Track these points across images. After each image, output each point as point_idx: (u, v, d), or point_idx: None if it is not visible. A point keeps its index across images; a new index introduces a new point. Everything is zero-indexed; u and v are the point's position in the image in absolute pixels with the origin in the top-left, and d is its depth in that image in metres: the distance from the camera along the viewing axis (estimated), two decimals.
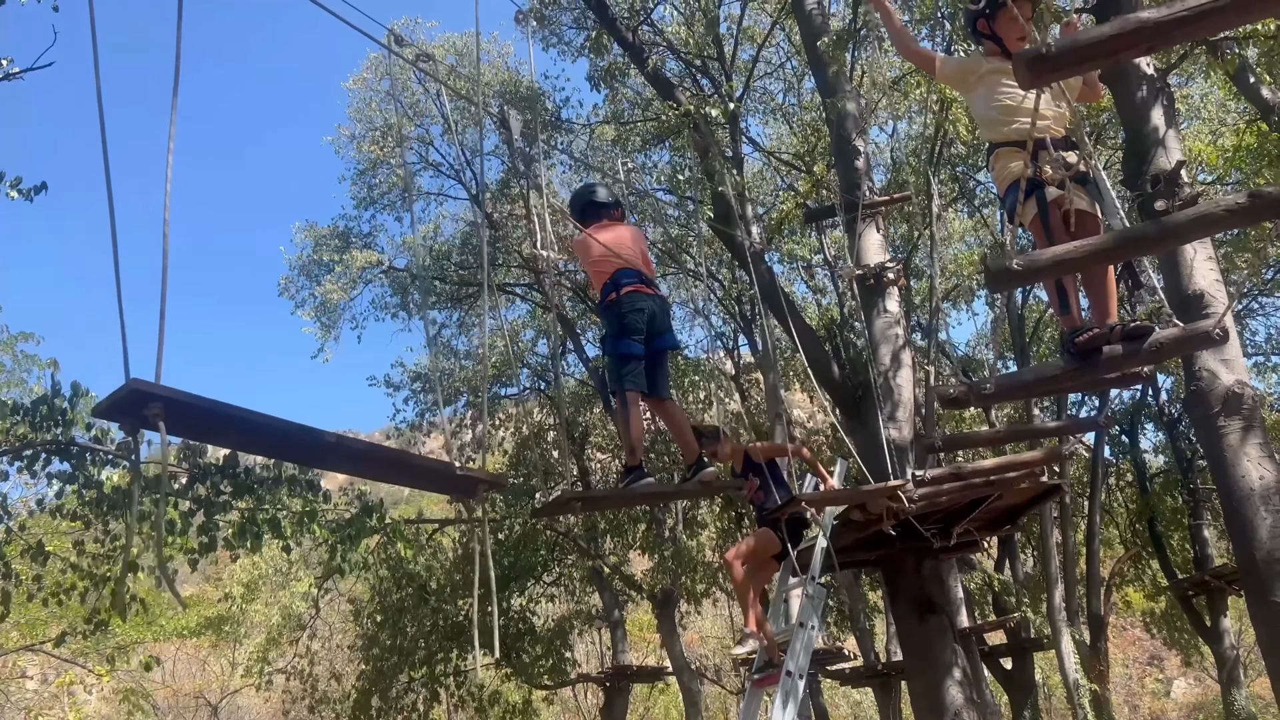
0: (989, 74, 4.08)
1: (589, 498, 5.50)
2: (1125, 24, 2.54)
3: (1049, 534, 17.03)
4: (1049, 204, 3.78)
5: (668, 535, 18.07)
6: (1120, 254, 3.41)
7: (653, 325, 4.97)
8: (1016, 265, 3.16)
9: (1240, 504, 6.86)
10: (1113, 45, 2.54)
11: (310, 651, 18.30)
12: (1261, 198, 3.05)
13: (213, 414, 2.84)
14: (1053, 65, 2.51)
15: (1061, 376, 4.75)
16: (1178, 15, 2.40)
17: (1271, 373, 20.08)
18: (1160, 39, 2.57)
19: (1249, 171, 13.49)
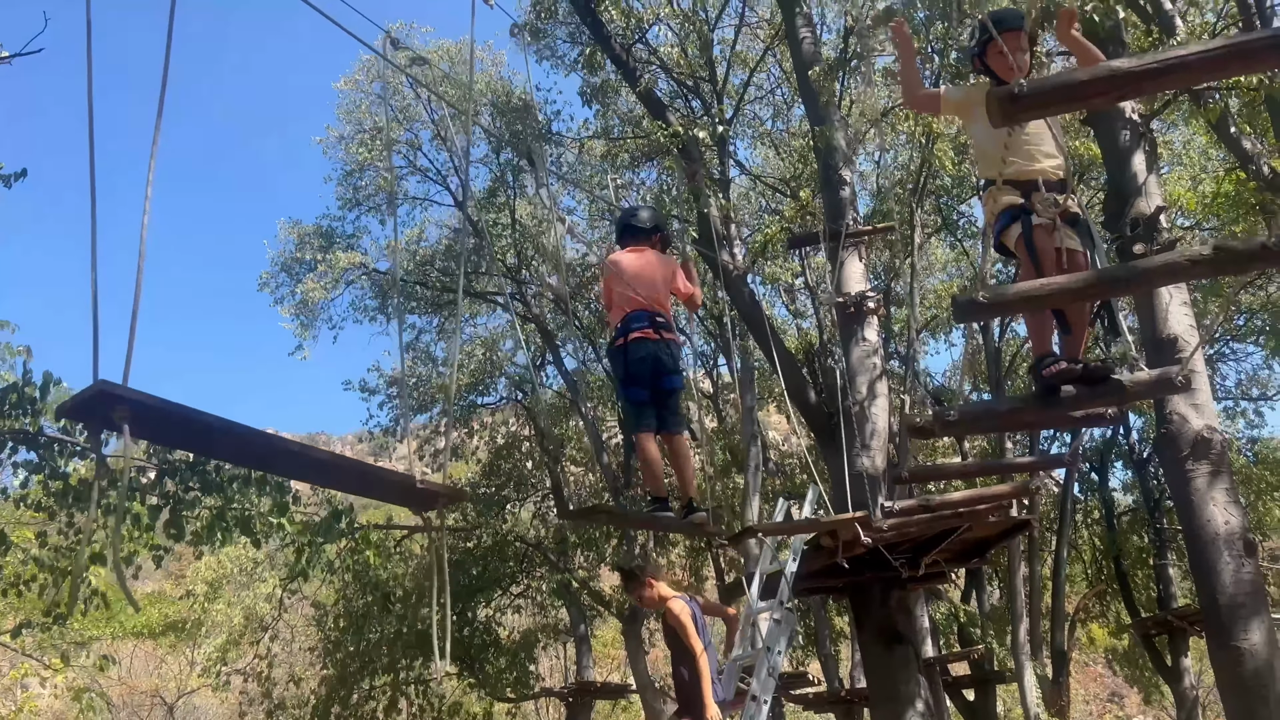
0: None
1: (615, 513, 5.57)
2: (1096, 72, 2.61)
3: (1016, 568, 17.13)
4: (1034, 227, 3.77)
5: (639, 552, 18.03)
6: (1087, 294, 3.45)
7: (657, 368, 5.07)
8: (983, 298, 3.21)
9: (1205, 548, 6.94)
10: (1084, 91, 2.61)
11: (270, 654, 18.09)
12: (1225, 251, 3.12)
13: (178, 419, 2.82)
14: (1025, 105, 2.56)
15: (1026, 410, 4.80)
16: (1147, 67, 2.46)
17: (1240, 417, 20.31)
18: (1130, 89, 2.64)
19: (1226, 219, 13.71)
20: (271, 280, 18.52)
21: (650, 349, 5.05)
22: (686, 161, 10.54)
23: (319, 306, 18.37)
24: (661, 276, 5.32)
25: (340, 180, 18.85)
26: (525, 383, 20.56)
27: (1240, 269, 3.15)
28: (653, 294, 5.18)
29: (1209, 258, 3.14)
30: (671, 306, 5.49)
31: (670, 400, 5.15)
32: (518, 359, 20.70)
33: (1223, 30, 10.59)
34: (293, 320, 18.35)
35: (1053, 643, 18.06)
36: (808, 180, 15.18)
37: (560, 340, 19.51)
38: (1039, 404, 3.79)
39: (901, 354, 16.71)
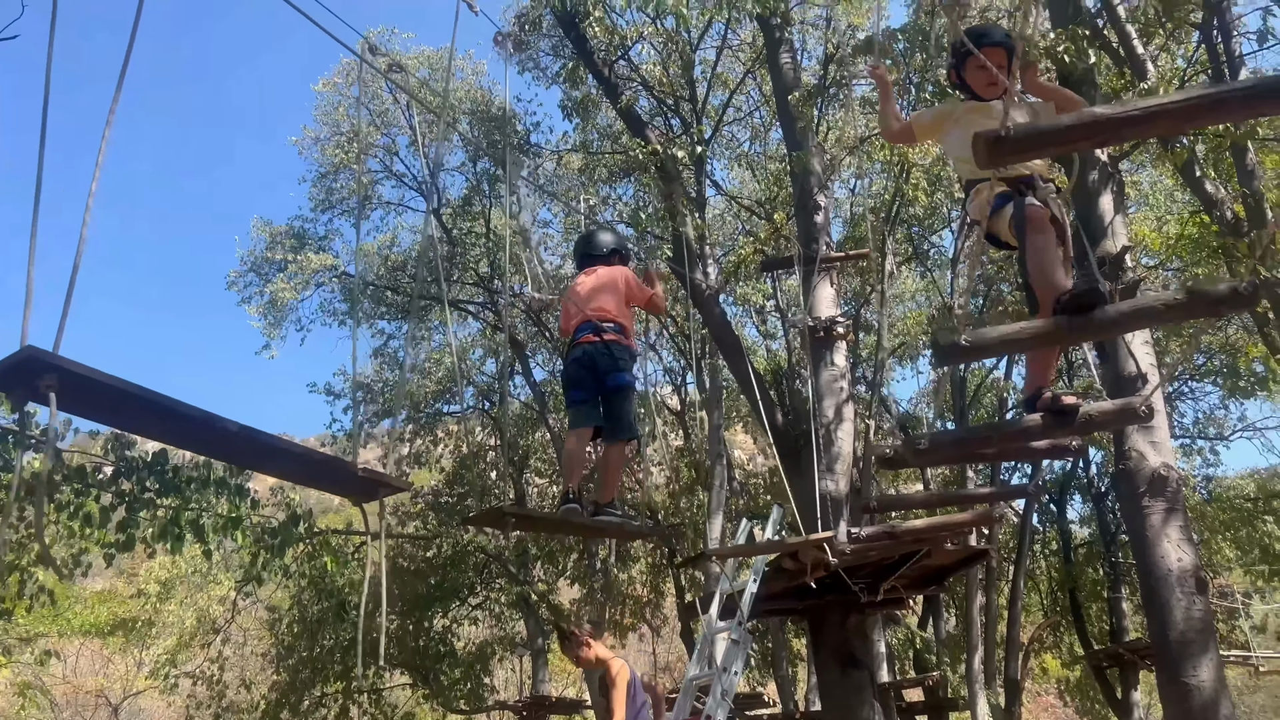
0: (965, 114, 4.10)
1: (522, 515, 5.45)
2: (1081, 117, 2.67)
3: (973, 596, 17.27)
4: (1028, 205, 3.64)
5: (599, 567, 17.99)
6: (1063, 339, 3.49)
7: (596, 368, 5.06)
8: (965, 341, 3.23)
9: (1158, 584, 7.04)
10: (1068, 135, 2.67)
11: (221, 657, 17.82)
12: (1198, 295, 3.18)
13: (110, 391, 2.65)
14: (1011, 148, 2.61)
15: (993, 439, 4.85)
16: (1130, 114, 2.53)
17: (1197, 455, 20.65)
18: (1112, 135, 2.71)
19: (1189, 260, 13.97)
20: (240, 279, 18.37)
21: (587, 350, 5.09)
22: (664, 180, 10.60)
23: (288, 307, 18.22)
24: (611, 285, 5.32)
25: (314, 182, 18.77)
26: (493, 392, 20.49)
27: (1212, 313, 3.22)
28: (603, 304, 5.20)
29: (1182, 302, 3.21)
30: (632, 314, 5.46)
31: (616, 401, 5.08)
32: (485, 368, 20.66)
33: (1192, 76, 10.82)
34: (260, 320, 18.20)
35: (1006, 672, 18.19)
36: (783, 203, 15.30)
37: (529, 350, 19.48)
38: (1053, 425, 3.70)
39: (868, 380, 16.85)
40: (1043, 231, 3.56)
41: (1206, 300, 3.27)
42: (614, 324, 5.14)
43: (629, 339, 5.23)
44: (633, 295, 5.42)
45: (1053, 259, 3.54)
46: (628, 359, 5.14)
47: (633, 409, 5.14)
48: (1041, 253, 3.54)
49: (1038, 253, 3.54)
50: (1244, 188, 10.52)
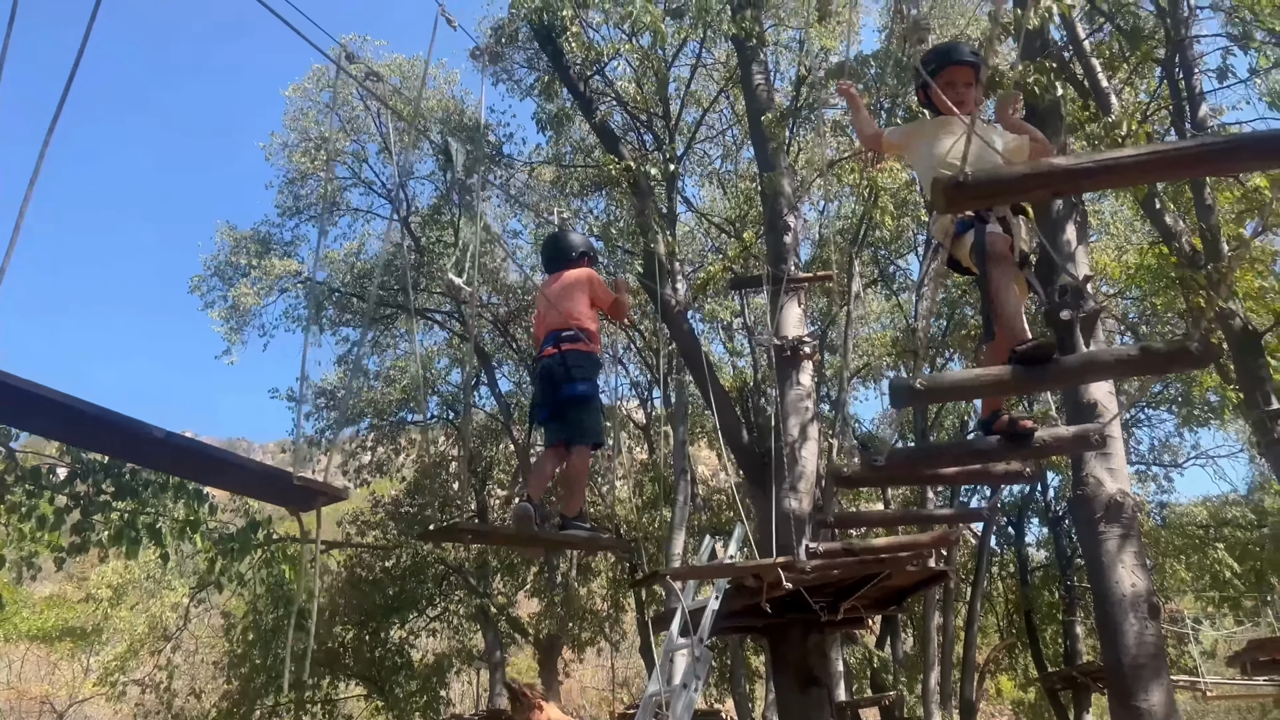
0: (932, 130, 4.11)
1: (481, 531, 5.43)
2: (1038, 167, 2.75)
3: (931, 616, 17.41)
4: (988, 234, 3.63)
5: (560, 580, 17.93)
6: (1018, 389, 3.55)
7: (553, 380, 4.96)
8: (920, 385, 3.30)
9: (1112, 609, 7.15)
10: (1025, 184, 2.75)
11: (171, 664, 17.54)
12: (1150, 353, 3.30)
13: (23, 396, 2.47)
14: (970, 194, 2.67)
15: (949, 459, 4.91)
16: (1084, 166, 2.60)
17: (1151, 481, 21.02)
18: (1068, 185, 2.77)
19: (1148, 289, 14.24)
20: (204, 284, 18.16)
21: (546, 365, 5.01)
22: (637, 196, 10.64)
23: (250, 312, 18.04)
24: (577, 287, 5.26)
25: (282, 187, 18.64)
26: (457, 402, 20.40)
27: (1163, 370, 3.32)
28: (566, 309, 5.11)
29: (1135, 358, 3.32)
30: (597, 316, 5.37)
31: (572, 411, 4.93)
32: (450, 377, 20.56)
33: (1154, 111, 11.06)
34: (223, 324, 17.99)
35: (962, 692, 18.35)
36: (752, 222, 15.41)
37: (495, 361, 19.43)
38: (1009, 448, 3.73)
39: (831, 399, 16.99)
40: (1001, 264, 3.57)
41: (1158, 358, 3.40)
42: (574, 331, 5.01)
43: (591, 343, 5.08)
44: (597, 298, 5.30)
45: (1008, 297, 3.54)
46: (586, 365, 4.99)
47: (593, 416, 4.98)
48: (999, 289, 3.55)
49: (995, 288, 3.57)
50: (1201, 221, 10.77)
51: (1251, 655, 10.99)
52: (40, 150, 2.66)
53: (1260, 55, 9.14)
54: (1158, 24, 10.87)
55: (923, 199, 15.32)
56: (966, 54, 4.14)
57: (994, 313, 3.55)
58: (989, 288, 3.56)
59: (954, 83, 4.00)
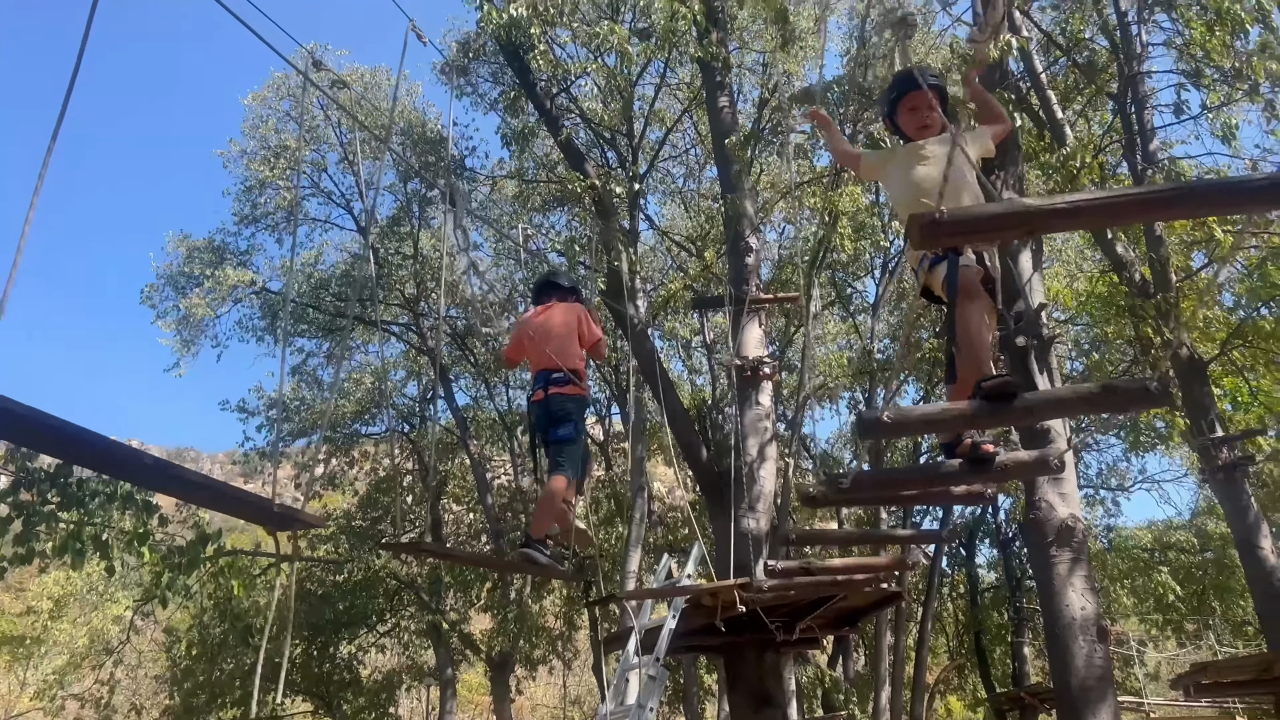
0: (904, 156, 4.13)
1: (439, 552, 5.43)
2: (1011, 206, 2.83)
3: (883, 637, 17.54)
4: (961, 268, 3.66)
5: (513, 597, 17.81)
6: (982, 423, 3.60)
7: (543, 424, 5.38)
8: (887, 418, 3.35)
9: (1062, 631, 7.26)
10: (999, 223, 2.83)
11: (113, 679, 17.12)
12: (1112, 391, 3.38)
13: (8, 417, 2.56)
14: (945, 232, 2.72)
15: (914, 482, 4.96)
16: (1057, 208, 2.68)
17: (1100, 505, 21.40)
18: (1040, 226, 2.86)
19: (1098, 317, 14.55)
20: (155, 294, 17.84)
21: (538, 410, 5.42)
22: (601, 214, 10.67)
23: (203, 323, 17.75)
24: (565, 329, 5.54)
25: (239, 195, 18.39)
26: (413, 415, 20.22)
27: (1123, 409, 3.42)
28: (556, 349, 5.41)
29: (1096, 396, 3.40)
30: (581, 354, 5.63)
31: (555, 449, 5.31)
32: (407, 390, 20.39)
33: (1107, 144, 11.33)
34: (173, 336, 17.68)
35: (912, 712, 18.49)
36: (714, 241, 15.51)
37: (453, 375, 19.30)
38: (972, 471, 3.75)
39: (788, 419, 17.09)
40: (974, 299, 3.61)
41: (1118, 397, 3.49)
42: (563, 374, 5.33)
43: (579, 383, 5.40)
44: (584, 339, 5.62)
45: (979, 334, 3.59)
46: (572, 407, 5.33)
47: (572, 455, 5.28)
48: (969, 325, 3.59)
49: (965, 324, 3.61)
50: (1151, 252, 11.05)
51: (1194, 678, 11.19)
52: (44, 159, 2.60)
53: (1211, 92, 9.41)
54: (1111, 59, 11.17)
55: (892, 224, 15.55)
56: (929, 78, 4.15)
57: (962, 348, 3.59)
58: (958, 325, 3.60)
59: (918, 107, 4.04)
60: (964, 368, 3.56)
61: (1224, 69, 9.63)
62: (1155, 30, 11.65)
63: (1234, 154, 12.21)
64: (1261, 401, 12.26)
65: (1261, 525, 10.62)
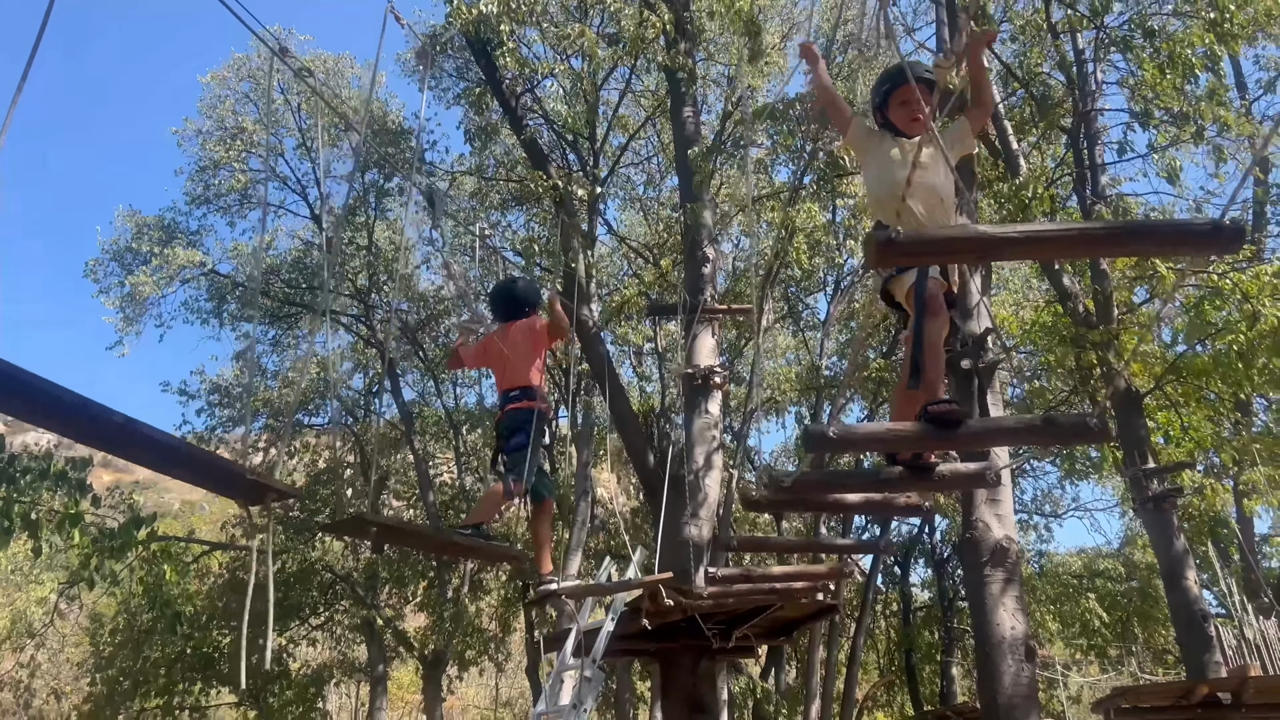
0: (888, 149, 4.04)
1: (383, 524, 5.36)
2: (967, 231, 2.92)
3: (816, 650, 17.72)
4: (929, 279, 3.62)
5: (450, 595, 17.68)
6: (927, 445, 3.69)
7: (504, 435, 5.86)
8: (832, 434, 3.43)
9: (993, 650, 7.41)
10: (953, 246, 2.92)
11: (34, 662, 16.68)
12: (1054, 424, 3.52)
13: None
14: (899, 251, 2.80)
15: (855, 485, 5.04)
16: (1011, 236, 2.77)
17: (1032, 530, 21.84)
18: (993, 252, 2.94)
19: (1041, 345, 14.88)
20: (99, 268, 17.47)
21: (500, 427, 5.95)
22: (560, 214, 10.68)
23: (148, 302, 17.42)
24: (524, 349, 5.98)
25: (192, 175, 18.10)
26: (358, 407, 20.01)
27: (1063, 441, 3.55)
28: (515, 372, 5.92)
29: (1039, 427, 3.53)
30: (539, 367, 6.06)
31: (509, 459, 5.79)
32: (353, 382, 20.17)
33: (1058, 177, 11.61)
34: (116, 314, 17.32)
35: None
36: (670, 250, 15.59)
37: (400, 370, 19.13)
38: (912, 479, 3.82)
39: (734, 430, 17.21)
40: (937, 315, 3.63)
41: (1059, 430, 3.63)
42: (520, 390, 5.85)
43: (533, 398, 5.82)
44: (541, 345, 6.05)
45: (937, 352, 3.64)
46: (523, 419, 5.72)
47: (520, 462, 5.63)
48: (932, 343, 3.62)
49: (929, 342, 3.62)
50: (1096, 285, 11.34)
51: (1115, 701, 11.45)
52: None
53: (1159, 133, 9.70)
54: (1067, 94, 11.46)
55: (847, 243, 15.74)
56: (921, 72, 4.06)
57: (922, 364, 3.65)
58: (924, 339, 3.62)
59: (908, 102, 3.96)
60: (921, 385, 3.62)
61: (1173, 111, 9.94)
62: (1110, 69, 12.00)
63: (1179, 194, 12.63)
64: (1192, 436, 12.63)
65: (1187, 557, 10.93)
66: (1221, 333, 10.94)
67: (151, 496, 32.15)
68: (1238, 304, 10.55)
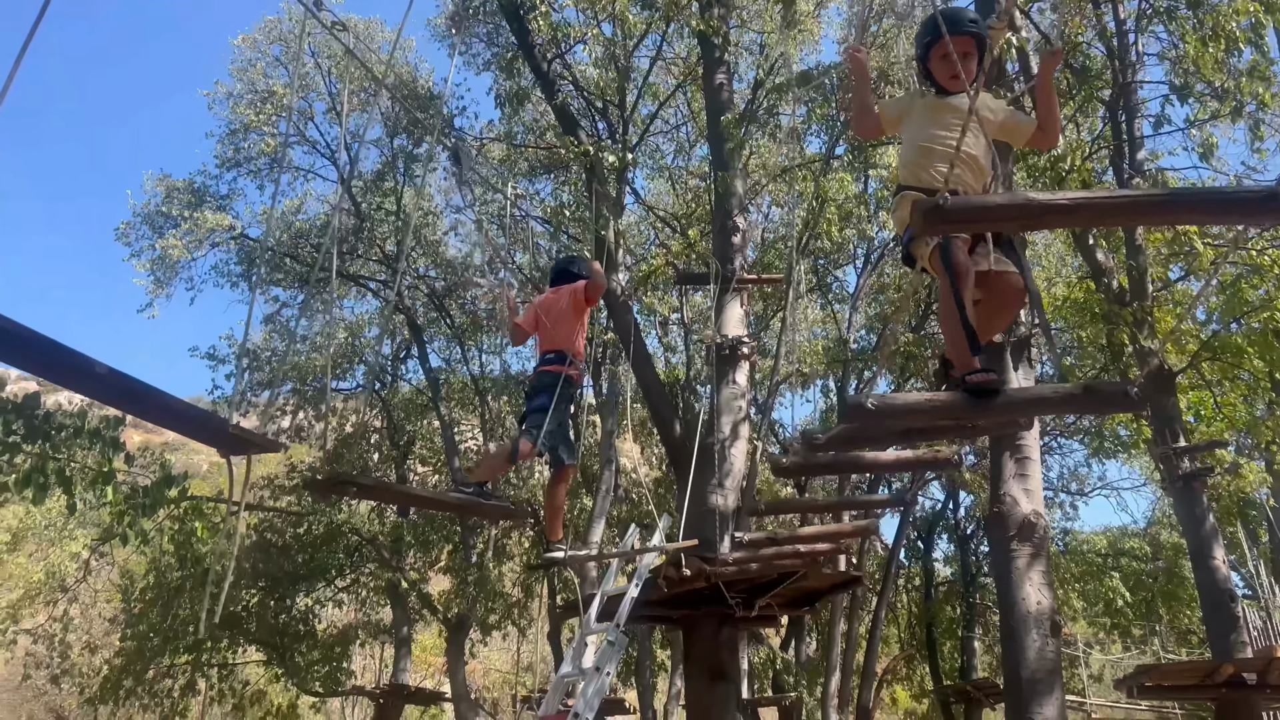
0: (921, 109, 3.90)
1: (364, 485, 5.38)
2: (1014, 198, 2.85)
3: (837, 622, 17.76)
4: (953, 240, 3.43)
5: (475, 560, 17.84)
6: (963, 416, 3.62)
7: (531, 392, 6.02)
8: (871, 404, 3.37)
9: (1017, 624, 7.39)
10: (1000, 214, 2.84)
11: (67, 617, 17.01)
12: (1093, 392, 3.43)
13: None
14: (948, 218, 2.72)
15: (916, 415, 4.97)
16: (1058, 204, 2.69)
17: (1058, 508, 21.73)
18: (1037, 221, 2.88)
19: (1072, 322, 14.72)
20: (131, 231, 17.61)
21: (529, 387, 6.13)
22: (591, 181, 10.64)
23: (179, 265, 17.56)
24: (562, 313, 6.09)
25: (222, 138, 18.15)
26: (385, 373, 20.14)
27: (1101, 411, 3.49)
28: (553, 334, 6.04)
29: (1077, 397, 3.45)
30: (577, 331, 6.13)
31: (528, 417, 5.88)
32: (382, 348, 20.29)
33: (1095, 150, 11.42)
34: (147, 276, 17.48)
35: (859, 699, 18.74)
36: (698, 219, 15.51)
37: (427, 336, 19.22)
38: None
39: (759, 402, 17.19)
40: (964, 279, 3.46)
41: (1098, 399, 3.54)
42: (555, 354, 5.97)
43: (564, 362, 5.91)
44: (580, 305, 6.13)
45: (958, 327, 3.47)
46: (548, 381, 5.86)
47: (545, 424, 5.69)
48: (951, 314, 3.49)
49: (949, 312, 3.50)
50: (1131, 261, 11.18)
51: (1138, 679, 11.43)
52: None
53: (1199, 107, 9.51)
54: (1106, 65, 11.25)
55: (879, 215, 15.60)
56: (966, 22, 3.80)
57: (945, 335, 3.57)
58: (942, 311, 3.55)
59: (948, 56, 3.74)
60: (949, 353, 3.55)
61: (1213, 85, 9.74)
62: (1152, 40, 11.76)
63: (1215, 170, 12.40)
64: (1225, 415, 12.49)
65: (1215, 537, 10.84)
66: (1258, 310, 10.78)
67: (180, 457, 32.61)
68: (1276, 281, 10.38)
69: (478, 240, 17.14)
